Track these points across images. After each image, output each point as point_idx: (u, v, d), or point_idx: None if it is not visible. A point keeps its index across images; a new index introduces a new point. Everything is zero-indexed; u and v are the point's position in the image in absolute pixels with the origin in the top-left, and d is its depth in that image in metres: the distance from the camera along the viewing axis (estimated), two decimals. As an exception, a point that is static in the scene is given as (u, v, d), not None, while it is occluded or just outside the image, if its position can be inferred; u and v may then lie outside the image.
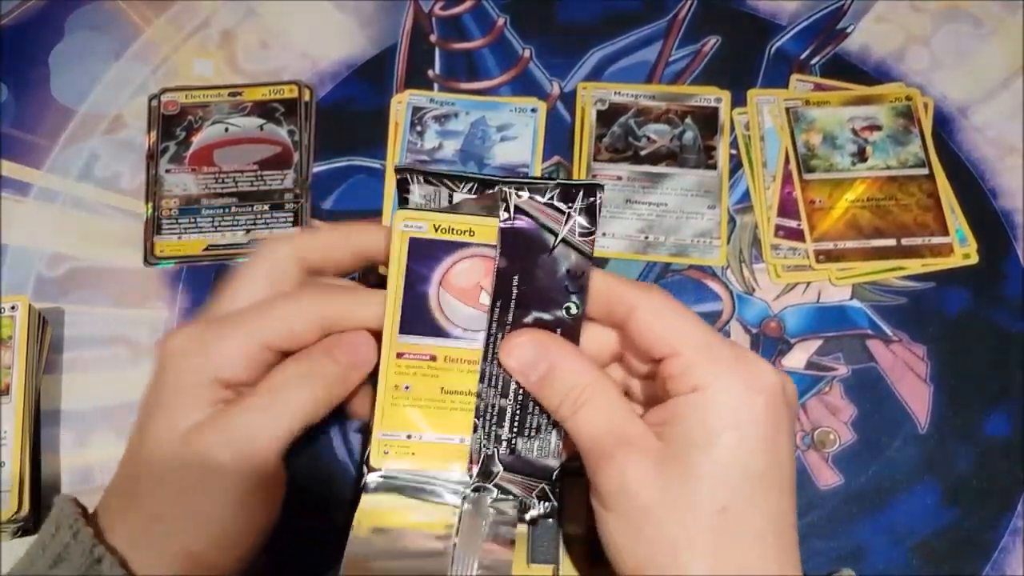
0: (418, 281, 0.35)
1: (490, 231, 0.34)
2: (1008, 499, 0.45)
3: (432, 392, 0.36)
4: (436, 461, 0.36)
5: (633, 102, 0.53)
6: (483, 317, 0.35)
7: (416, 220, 0.34)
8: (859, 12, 0.56)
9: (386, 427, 0.36)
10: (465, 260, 0.35)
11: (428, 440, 0.36)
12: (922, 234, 0.50)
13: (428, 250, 0.35)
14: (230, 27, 0.56)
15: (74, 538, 0.31)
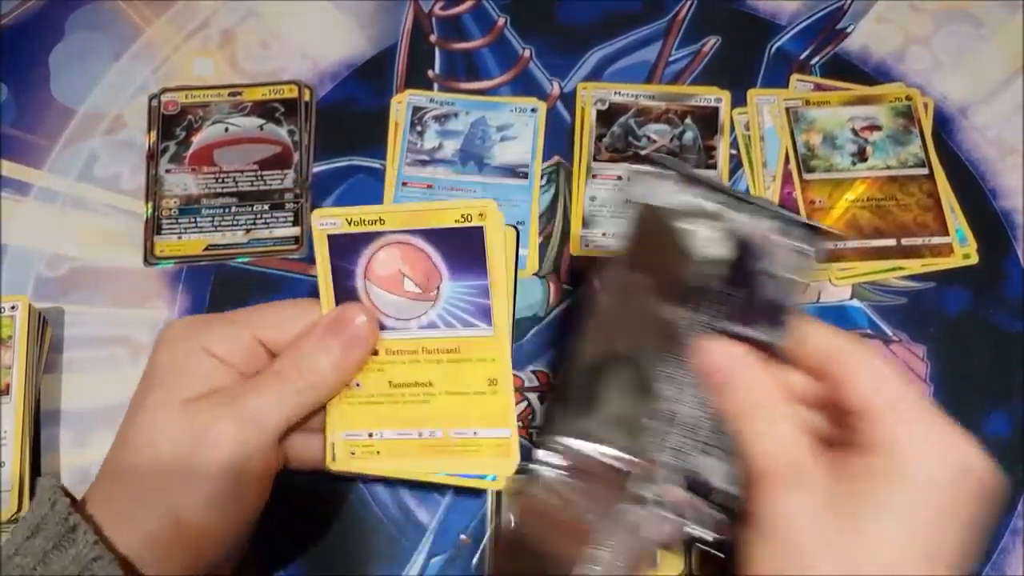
0: (345, 277, 0.35)
1: (399, 217, 0.34)
2: (1008, 499, 0.45)
3: (381, 387, 0.36)
4: (404, 457, 0.36)
5: (633, 102, 0.53)
6: (411, 304, 0.35)
7: (330, 217, 0.35)
8: (859, 12, 0.56)
9: (347, 427, 0.36)
10: (382, 249, 0.35)
11: (388, 437, 0.36)
12: (922, 234, 0.50)
13: (348, 245, 0.35)
14: (230, 27, 0.56)
15: (51, 509, 0.31)
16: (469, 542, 0.44)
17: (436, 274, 0.35)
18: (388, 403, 0.36)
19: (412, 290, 0.35)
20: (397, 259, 0.35)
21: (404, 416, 0.36)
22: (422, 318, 0.35)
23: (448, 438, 0.36)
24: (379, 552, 0.44)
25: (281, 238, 0.50)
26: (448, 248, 0.34)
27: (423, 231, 0.34)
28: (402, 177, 0.51)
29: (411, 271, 0.35)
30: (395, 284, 0.35)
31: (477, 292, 0.35)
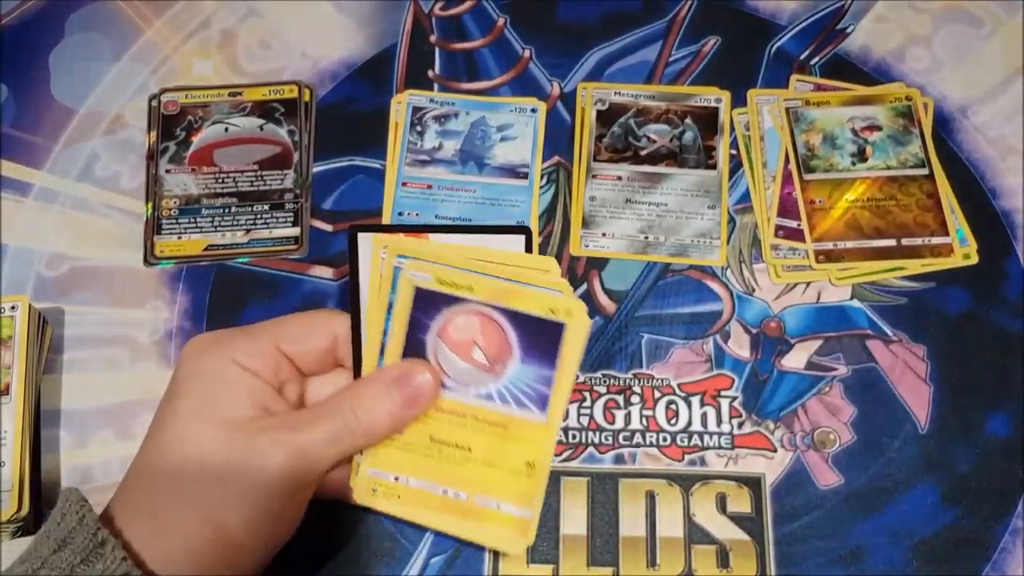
0: (419, 328, 0.36)
1: (488, 289, 0.35)
2: (1008, 499, 0.45)
3: (421, 439, 0.36)
4: (422, 508, 0.37)
5: (633, 102, 0.53)
6: (475, 373, 0.36)
7: (422, 271, 0.35)
8: (859, 12, 0.56)
9: (377, 466, 0.37)
10: (463, 315, 0.35)
11: (413, 486, 0.37)
12: (922, 234, 0.50)
13: (430, 300, 0.35)
14: (230, 27, 0.56)
15: (79, 523, 0.31)
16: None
17: (507, 353, 0.35)
18: (423, 454, 0.37)
19: (480, 361, 0.36)
20: (475, 329, 0.35)
21: (434, 470, 0.37)
22: (481, 387, 0.36)
23: (471, 503, 0.36)
24: (379, 552, 0.44)
25: (281, 238, 0.50)
26: (526, 333, 0.35)
27: (507, 310, 0.35)
28: (402, 177, 0.51)
29: (485, 343, 0.35)
30: (466, 351, 0.36)
31: (540, 380, 0.35)
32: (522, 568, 0.44)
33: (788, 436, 0.46)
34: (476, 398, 0.36)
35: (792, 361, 0.48)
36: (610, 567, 0.43)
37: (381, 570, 0.44)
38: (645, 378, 0.48)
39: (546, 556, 0.44)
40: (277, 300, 0.49)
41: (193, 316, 0.49)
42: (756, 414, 0.47)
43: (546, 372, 0.35)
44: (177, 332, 0.49)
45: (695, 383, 0.48)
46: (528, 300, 0.35)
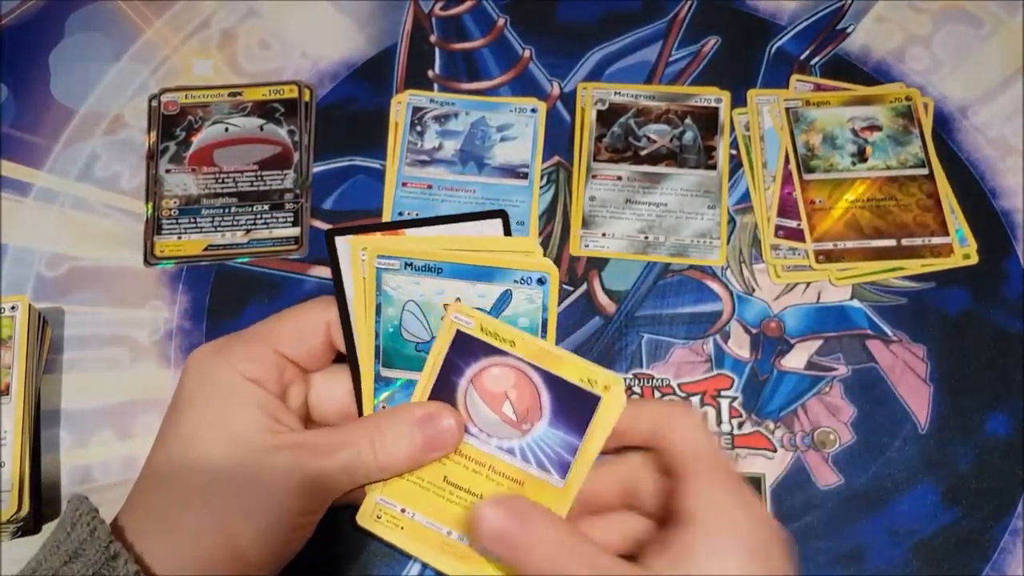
0: (453, 371, 0.36)
1: (529, 349, 0.35)
2: (1008, 499, 0.45)
3: (435, 478, 0.36)
4: (423, 544, 0.37)
5: (633, 102, 0.53)
6: (501, 426, 0.36)
7: (466, 316, 0.36)
8: (859, 12, 0.56)
9: (386, 494, 0.37)
10: (500, 367, 0.35)
11: (419, 522, 0.37)
12: (922, 234, 0.50)
13: (469, 346, 0.36)
14: (230, 27, 0.56)
15: (91, 535, 0.31)
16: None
17: (537, 413, 0.35)
18: (434, 493, 0.37)
19: (509, 415, 0.36)
20: (509, 382, 0.35)
21: (442, 511, 0.36)
22: (504, 441, 0.36)
23: (471, 549, 0.36)
24: (379, 552, 0.44)
25: (281, 238, 0.50)
26: (559, 398, 0.35)
27: (545, 372, 0.35)
28: (402, 177, 0.51)
29: (516, 399, 0.35)
30: (496, 402, 0.36)
31: (565, 447, 0.35)
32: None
33: (788, 436, 0.46)
34: (497, 450, 0.36)
35: (792, 361, 0.48)
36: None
37: (381, 570, 0.44)
38: (645, 378, 0.48)
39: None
40: (277, 300, 0.49)
41: (193, 316, 0.49)
42: (756, 414, 0.47)
43: (572, 440, 0.35)
44: (177, 332, 0.49)
45: (695, 383, 0.48)
46: (567, 367, 0.35)
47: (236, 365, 0.35)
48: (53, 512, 0.45)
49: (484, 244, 0.37)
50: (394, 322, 0.38)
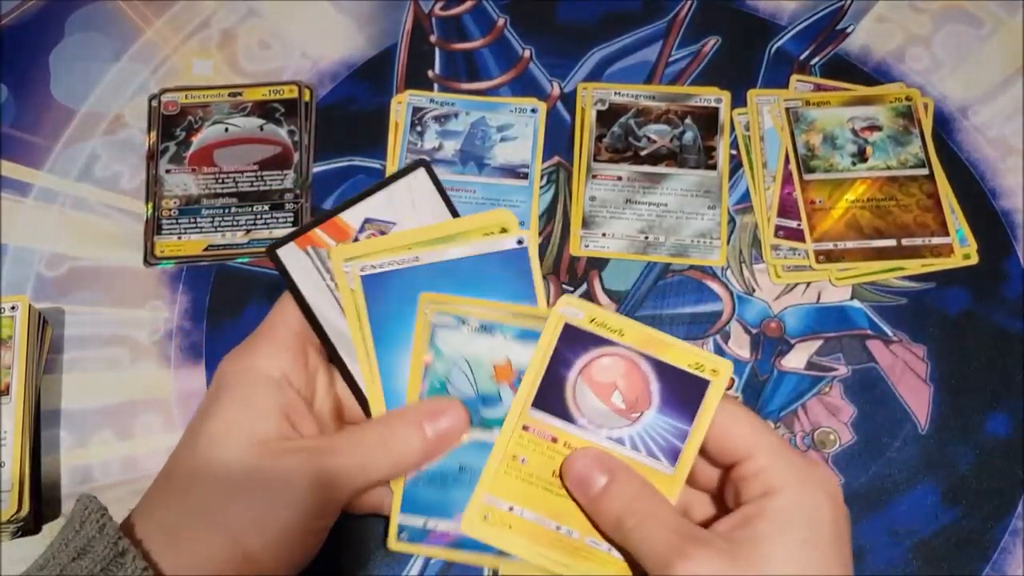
0: (561, 364, 0.36)
1: (638, 336, 0.36)
2: (1008, 499, 0.45)
3: (545, 472, 0.36)
4: (532, 542, 0.36)
5: (633, 102, 0.53)
6: (610, 416, 0.36)
7: (575, 307, 0.36)
8: (859, 12, 0.56)
9: (494, 492, 0.37)
10: (609, 357, 0.36)
11: (528, 519, 0.37)
12: (922, 234, 0.50)
13: (578, 338, 0.36)
14: (230, 27, 0.56)
15: (100, 532, 0.31)
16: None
17: (646, 401, 0.36)
18: (543, 488, 0.37)
19: (618, 404, 0.36)
20: (619, 371, 0.36)
21: (551, 506, 0.36)
22: (614, 431, 0.36)
23: (581, 542, 0.36)
24: (379, 552, 0.44)
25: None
26: (669, 384, 0.35)
27: (654, 359, 0.35)
28: (402, 177, 0.51)
29: (626, 388, 0.36)
30: (605, 392, 0.36)
31: (675, 433, 0.35)
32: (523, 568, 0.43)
33: (788, 436, 0.46)
34: (607, 440, 0.36)
35: (792, 361, 0.48)
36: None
37: (381, 570, 0.44)
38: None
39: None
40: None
41: (193, 316, 0.49)
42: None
43: (682, 426, 0.35)
44: (177, 332, 0.49)
45: (695, 383, 0.48)
46: (676, 353, 0.35)
47: (261, 364, 0.36)
48: (53, 512, 0.45)
49: (460, 226, 0.38)
50: (441, 378, 0.38)
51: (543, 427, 0.36)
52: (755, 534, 0.32)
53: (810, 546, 0.32)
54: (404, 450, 0.36)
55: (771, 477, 0.33)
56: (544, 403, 0.36)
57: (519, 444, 0.36)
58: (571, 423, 0.36)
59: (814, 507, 0.32)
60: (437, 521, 0.38)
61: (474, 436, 0.38)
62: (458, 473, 0.38)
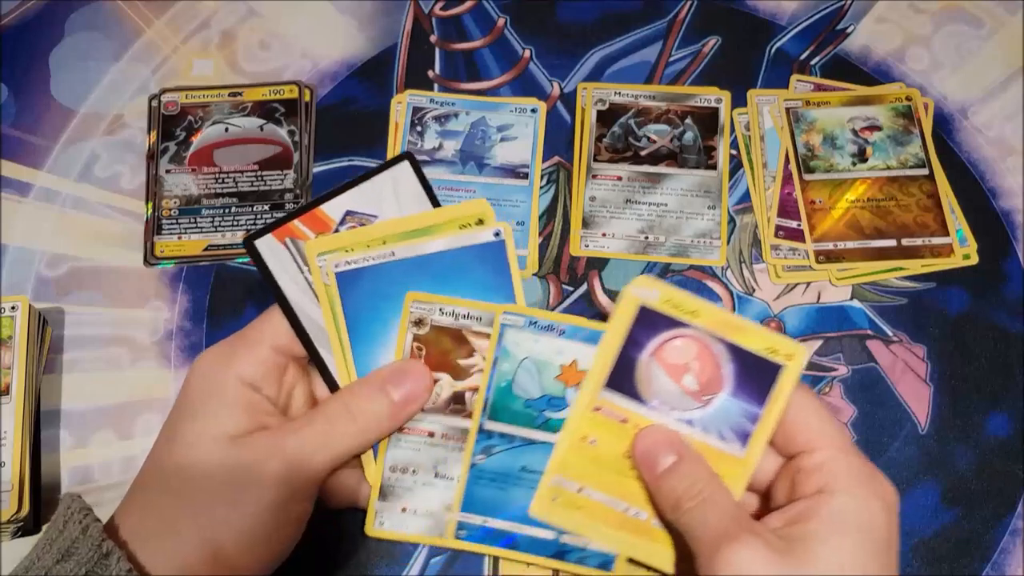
0: (634, 345, 0.36)
1: (712, 319, 0.35)
2: (1008, 499, 0.45)
3: (615, 453, 0.36)
4: (601, 523, 0.37)
5: (633, 102, 0.53)
6: (682, 397, 0.36)
7: (649, 288, 0.36)
8: (859, 12, 0.56)
9: (563, 473, 0.37)
10: (682, 339, 0.36)
11: (597, 499, 0.37)
12: (922, 234, 0.50)
13: (651, 319, 0.36)
14: (230, 27, 0.56)
15: (83, 533, 0.31)
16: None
17: (719, 384, 0.36)
18: (611, 469, 0.37)
19: (690, 386, 0.36)
20: (692, 353, 0.36)
21: (620, 487, 0.36)
22: (685, 413, 0.36)
23: (649, 524, 0.36)
24: (379, 552, 0.44)
25: (281, 238, 0.50)
26: (742, 367, 0.35)
27: (728, 343, 0.35)
28: (402, 177, 0.51)
29: (699, 370, 0.36)
30: (678, 374, 0.36)
31: (747, 416, 0.35)
32: (522, 569, 0.43)
33: (788, 436, 0.46)
34: (677, 422, 0.36)
35: (792, 361, 0.48)
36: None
37: (381, 570, 0.44)
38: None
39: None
40: (277, 300, 0.49)
41: (193, 316, 0.49)
42: (756, 414, 0.47)
43: (755, 409, 0.35)
44: (177, 332, 0.49)
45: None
46: (750, 336, 0.35)
47: (236, 370, 0.35)
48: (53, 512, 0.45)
49: (436, 217, 0.38)
50: (508, 377, 0.38)
51: (614, 408, 0.36)
52: (807, 532, 0.32)
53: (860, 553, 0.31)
54: (369, 417, 0.35)
55: (830, 476, 0.33)
56: (616, 384, 0.36)
57: (590, 425, 0.36)
58: (642, 404, 0.36)
59: (870, 514, 0.32)
60: (497, 520, 0.38)
61: (537, 437, 0.38)
62: (519, 473, 0.38)
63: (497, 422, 0.38)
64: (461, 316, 0.38)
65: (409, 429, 0.38)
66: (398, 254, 0.38)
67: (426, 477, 0.39)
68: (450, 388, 0.39)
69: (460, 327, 0.39)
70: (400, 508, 0.38)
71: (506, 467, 0.38)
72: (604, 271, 0.50)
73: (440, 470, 0.39)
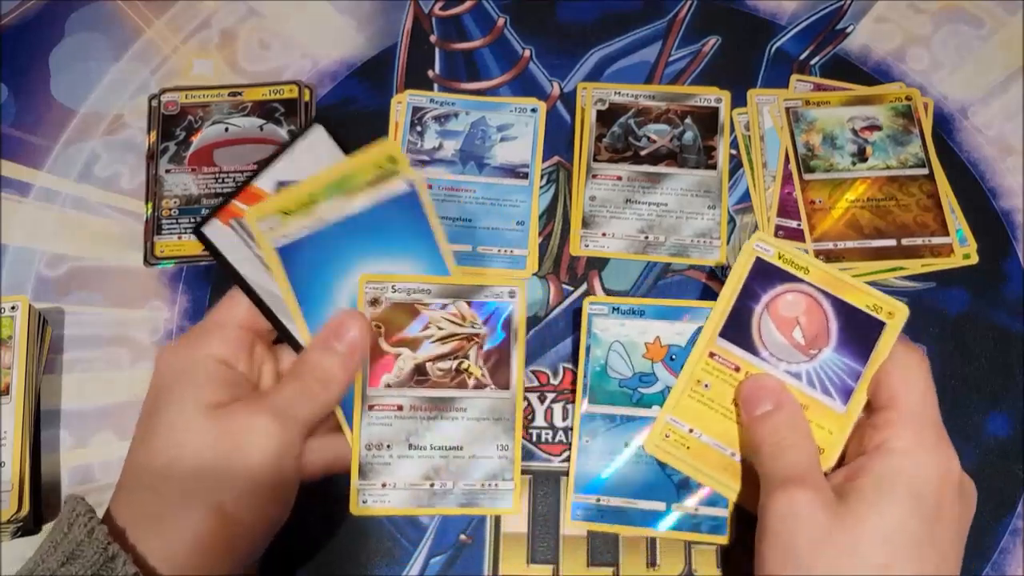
0: (749, 296, 0.39)
1: (822, 275, 0.38)
2: (1008, 499, 0.45)
3: (725, 399, 0.39)
4: (706, 464, 0.39)
5: (633, 102, 0.53)
6: (790, 350, 0.38)
7: (767, 244, 0.39)
8: (859, 12, 0.56)
9: (676, 414, 0.39)
10: (793, 293, 0.38)
11: (705, 441, 0.39)
12: (922, 234, 0.50)
13: (767, 273, 0.39)
14: (230, 27, 0.56)
15: (88, 536, 0.31)
16: (470, 542, 0.44)
17: (825, 338, 0.38)
18: (721, 414, 0.39)
19: (798, 340, 0.38)
20: (801, 308, 0.38)
21: (729, 432, 0.39)
22: (793, 365, 0.38)
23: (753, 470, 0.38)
24: (379, 552, 0.44)
25: (281, 238, 0.50)
26: (848, 323, 0.37)
27: (836, 298, 0.38)
28: (402, 177, 0.51)
29: (807, 324, 0.38)
30: (787, 327, 0.38)
31: (849, 373, 0.37)
32: (522, 568, 0.44)
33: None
34: (786, 374, 0.38)
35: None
36: (610, 567, 0.43)
37: (381, 570, 0.44)
38: (645, 378, 0.48)
39: (546, 556, 0.44)
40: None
41: (193, 316, 0.49)
42: (756, 414, 0.47)
43: (857, 366, 0.37)
44: (177, 332, 0.49)
45: (695, 383, 0.48)
46: (857, 293, 0.37)
47: (206, 351, 0.37)
48: (53, 512, 0.45)
49: (350, 165, 0.40)
50: (600, 362, 0.42)
51: (728, 356, 0.39)
52: (857, 489, 0.33)
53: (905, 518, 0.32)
54: (327, 371, 0.37)
55: (895, 434, 0.33)
56: (731, 334, 0.39)
57: (704, 370, 0.39)
58: (754, 355, 0.38)
59: (922, 480, 0.33)
60: (609, 498, 0.42)
61: (635, 413, 0.42)
62: (623, 448, 0.41)
63: (597, 404, 0.42)
64: (413, 291, 0.42)
65: (379, 406, 0.40)
66: (327, 219, 0.40)
67: (401, 450, 0.41)
68: (412, 361, 0.41)
69: (413, 301, 0.42)
70: (380, 484, 0.41)
71: (611, 445, 0.41)
72: (604, 271, 0.50)
73: (413, 441, 0.41)
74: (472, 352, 0.43)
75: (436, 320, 0.41)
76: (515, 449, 0.42)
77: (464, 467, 0.42)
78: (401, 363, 0.41)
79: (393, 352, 0.41)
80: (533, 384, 0.47)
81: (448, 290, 0.43)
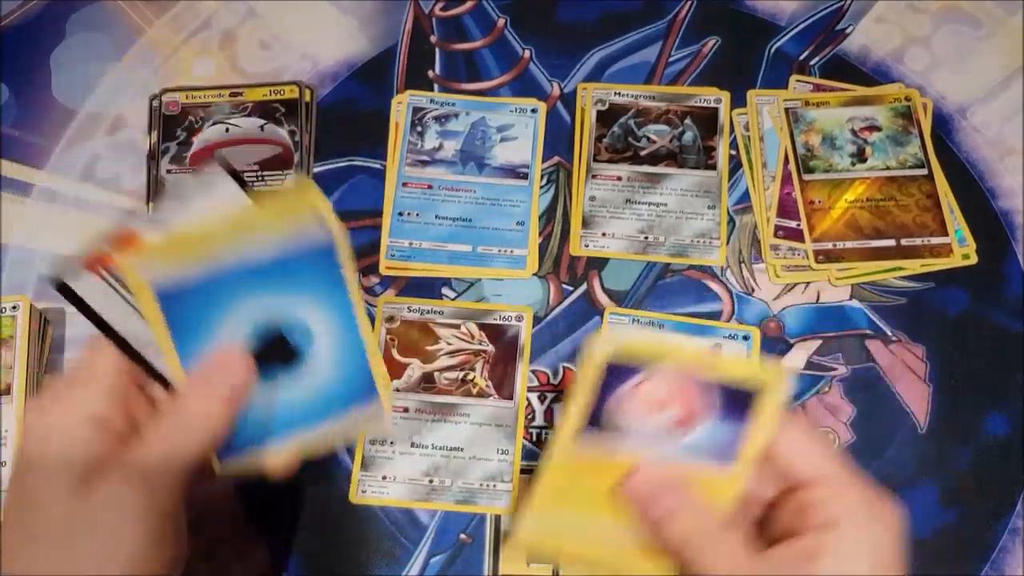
0: (607, 390, 0.35)
1: (683, 358, 0.35)
2: (1008, 499, 0.45)
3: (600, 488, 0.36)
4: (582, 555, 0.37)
5: (633, 102, 0.53)
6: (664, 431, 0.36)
7: (612, 340, 0.35)
8: (859, 12, 0.56)
9: (545, 509, 0.36)
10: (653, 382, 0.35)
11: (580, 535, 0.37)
12: (921, 234, 0.50)
13: (619, 371, 0.35)
14: (231, 27, 0.56)
15: None
16: (469, 541, 0.44)
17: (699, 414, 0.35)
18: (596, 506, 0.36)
19: (669, 424, 0.35)
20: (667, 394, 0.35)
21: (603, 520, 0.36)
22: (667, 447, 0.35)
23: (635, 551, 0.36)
24: (379, 552, 0.44)
25: (281, 238, 0.50)
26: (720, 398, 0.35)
27: (701, 379, 0.35)
28: (402, 177, 0.51)
29: (676, 406, 0.36)
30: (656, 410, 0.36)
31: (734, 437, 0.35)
32: (522, 568, 0.44)
33: (788, 436, 0.46)
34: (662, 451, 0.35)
35: (792, 361, 0.48)
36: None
37: (381, 570, 0.44)
38: (645, 378, 0.48)
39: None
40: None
41: (194, 316, 0.49)
42: (756, 414, 0.47)
43: (739, 429, 0.35)
44: (178, 332, 0.49)
45: (695, 383, 0.48)
46: (723, 369, 0.34)
47: (76, 410, 0.33)
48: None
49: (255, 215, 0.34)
50: None
51: (594, 448, 0.35)
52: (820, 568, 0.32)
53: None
54: (207, 420, 0.34)
55: (835, 509, 0.33)
56: (595, 424, 0.35)
57: (569, 468, 0.36)
58: (624, 441, 0.35)
59: (877, 542, 0.33)
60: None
61: None
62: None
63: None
64: (425, 312, 0.47)
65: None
66: (215, 266, 0.34)
67: (403, 447, 0.44)
68: (420, 370, 0.46)
69: (425, 320, 0.47)
70: (381, 476, 0.43)
71: None
72: (604, 271, 0.50)
73: (415, 440, 0.45)
74: (478, 365, 0.46)
75: (446, 336, 0.44)
76: (515, 454, 0.42)
77: (464, 467, 0.42)
78: (410, 371, 0.45)
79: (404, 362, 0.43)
80: (533, 384, 0.47)
81: (459, 312, 0.47)
